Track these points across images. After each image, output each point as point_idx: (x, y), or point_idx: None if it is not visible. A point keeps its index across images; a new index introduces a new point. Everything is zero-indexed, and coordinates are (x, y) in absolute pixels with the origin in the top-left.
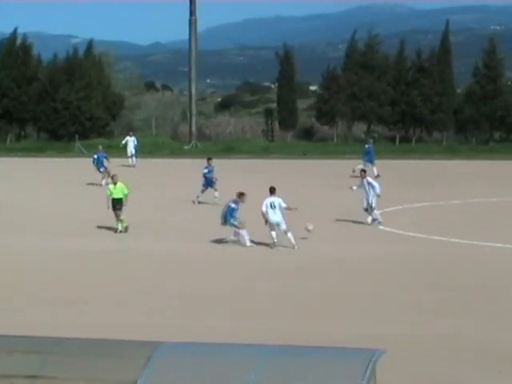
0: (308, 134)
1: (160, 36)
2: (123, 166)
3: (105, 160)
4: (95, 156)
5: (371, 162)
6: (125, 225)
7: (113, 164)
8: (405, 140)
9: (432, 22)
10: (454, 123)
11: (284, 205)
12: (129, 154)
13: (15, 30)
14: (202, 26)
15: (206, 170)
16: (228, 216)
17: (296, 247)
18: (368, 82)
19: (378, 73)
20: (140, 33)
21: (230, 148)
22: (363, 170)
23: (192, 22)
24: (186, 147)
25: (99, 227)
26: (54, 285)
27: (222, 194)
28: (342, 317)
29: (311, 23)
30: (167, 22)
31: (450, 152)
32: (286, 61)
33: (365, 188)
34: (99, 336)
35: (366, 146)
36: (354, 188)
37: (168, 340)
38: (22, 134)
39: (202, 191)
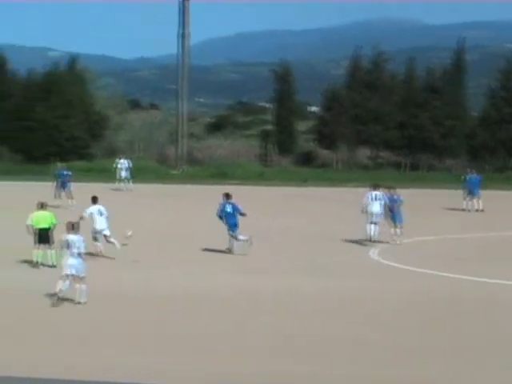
0: (307, 159)
1: (146, 50)
2: (112, 190)
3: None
4: (62, 172)
5: (474, 193)
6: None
7: (97, 188)
8: (413, 167)
9: (444, 38)
10: (467, 149)
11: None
12: (118, 177)
13: None
14: (192, 39)
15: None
16: (230, 224)
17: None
18: (373, 103)
19: (384, 93)
20: (124, 46)
21: (222, 173)
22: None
23: (184, 36)
24: (174, 172)
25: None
26: None
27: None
28: None
29: (310, 38)
30: (153, 34)
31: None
32: (283, 78)
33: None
34: None
35: (468, 176)
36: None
37: None
38: None
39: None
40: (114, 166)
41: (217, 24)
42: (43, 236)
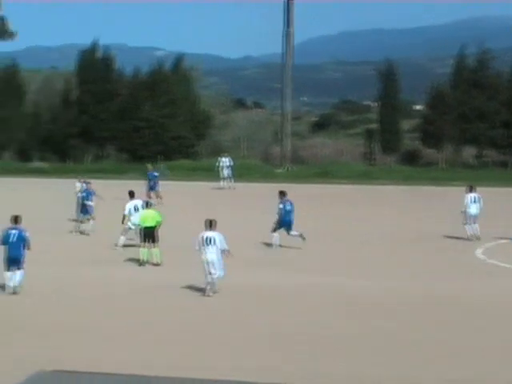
0: (412, 158)
1: (251, 49)
2: (213, 189)
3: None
4: (153, 174)
5: None
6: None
7: (201, 188)
8: None
9: None
10: None
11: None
12: (221, 176)
13: (96, 42)
14: (296, 38)
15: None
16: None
17: None
18: (478, 102)
19: (489, 91)
20: (229, 45)
21: (326, 172)
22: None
23: (288, 35)
24: (278, 170)
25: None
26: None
27: (315, 223)
28: None
29: (414, 36)
30: (259, 33)
31: None
32: (388, 77)
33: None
34: None
35: None
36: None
37: None
38: (101, 153)
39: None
40: (217, 164)
41: (321, 23)
42: (149, 234)
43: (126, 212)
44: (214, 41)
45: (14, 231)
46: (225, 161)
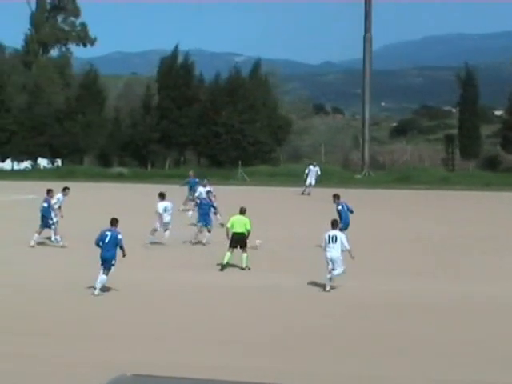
0: (492, 164)
1: (331, 55)
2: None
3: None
4: (195, 180)
5: None
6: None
7: (282, 192)
8: None
9: None
10: None
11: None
12: (307, 184)
13: (176, 48)
14: (377, 43)
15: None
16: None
17: None
18: None
19: None
20: (310, 51)
21: (406, 177)
22: None
23: (366, 40)
24: (358, 176)
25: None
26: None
27: (398, 229)
28: None
29: (497, 41)
30: (339, 39)
31: None
32: (468, 83)
33: None
34: None
35: None
36: None
37: None
38: (182, 159)
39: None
40: (306, 172)
41: (403, 28)
42: (237, 240)
43: (161, 211)
44: (294, 46)
45: (108, 233)
46: (313, 170)
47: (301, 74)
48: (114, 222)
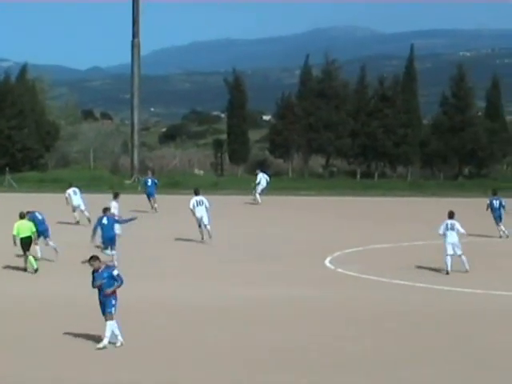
0: (260, 168)
1: (99, 60)
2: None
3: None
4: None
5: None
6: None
7: (48, 199)
8: (366, 175)
9: (396, 46)
10: (420, 157)
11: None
12: (259, 192)
13: None
14: (145, 49)
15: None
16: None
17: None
18: (325, 112)
19: (336, 101)
20: (77, 56)
21: (176, 183)
22: None
23: (135, 45)
24: (127, 182)
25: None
26: None
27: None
28: None
29: (265, 47)
30: (107, 44)
31: (416, 188)
32: (236, 88)
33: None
34: None
35: (494, 201)
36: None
37: None
38: None
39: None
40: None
41: (172, 33)
42: (27, 243)
43: (191, 206)
44: (62, 51)
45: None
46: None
47: (69, 79)
48: None
